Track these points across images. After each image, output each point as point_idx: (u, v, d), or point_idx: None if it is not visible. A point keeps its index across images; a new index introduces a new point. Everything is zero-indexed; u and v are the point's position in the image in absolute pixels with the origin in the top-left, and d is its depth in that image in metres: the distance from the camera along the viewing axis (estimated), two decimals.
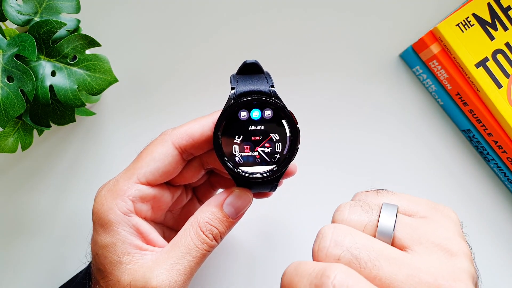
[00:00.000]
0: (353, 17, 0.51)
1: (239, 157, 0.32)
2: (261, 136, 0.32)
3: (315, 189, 0.49)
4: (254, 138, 0.32)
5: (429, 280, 0.22)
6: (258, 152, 0.32)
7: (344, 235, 0.24)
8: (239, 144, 0.32)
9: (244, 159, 0.32)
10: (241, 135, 0.32)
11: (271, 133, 0.32)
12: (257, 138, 0.32)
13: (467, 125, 0.50)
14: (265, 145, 0.32)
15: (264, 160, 0.32)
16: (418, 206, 0.27)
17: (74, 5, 0.39)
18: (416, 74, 0.51)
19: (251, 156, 0.32)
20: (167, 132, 0.34)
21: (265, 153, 0.32)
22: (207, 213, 0.32)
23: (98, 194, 0.33)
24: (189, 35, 0.51)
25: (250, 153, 0.32)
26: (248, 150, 0.32)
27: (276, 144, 0.32)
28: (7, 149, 0.40)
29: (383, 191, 0.29)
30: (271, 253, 0.48)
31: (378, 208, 0.26)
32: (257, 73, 0.33)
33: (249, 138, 0.32)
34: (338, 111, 0.51)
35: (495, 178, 0.51)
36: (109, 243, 0.31)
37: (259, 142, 0.32)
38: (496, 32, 0.47)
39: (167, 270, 0.30)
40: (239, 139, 0.32)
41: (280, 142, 0.32)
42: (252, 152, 0.32)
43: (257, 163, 0.32)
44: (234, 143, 0.32)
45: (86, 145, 0.49)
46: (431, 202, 0.28)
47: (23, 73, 0.35)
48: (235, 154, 0.32)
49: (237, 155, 0.32)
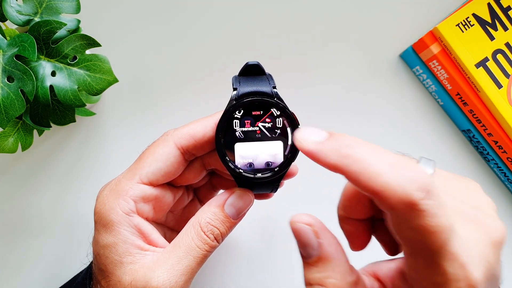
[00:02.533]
0: (353, 17, 0.51)
1: (240, 132, 0.32)
2: (261, 111, 0.32)
3: (315, 190, 0.49)
4: (254, 112, 0.32)
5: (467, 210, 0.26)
6: (259, 127, 0.32)
7: None
8: (239, 119, 0.32)
9: (244, 134, 0.32)
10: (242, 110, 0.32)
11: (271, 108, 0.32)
12: (257, 113, 0.32)
13: (467, 125, 0.50)
14: (265, 120, 0.32)
15: (265, 136, 0.32)
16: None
17: (74, 5, 0.39)
18: (416, 74, 0.51)
19: (252, 131, 0.32)
20: (169, 133, 0.34)
21: (265, 128, 0.32)
22: (208, 213, 0.32)
23: (100, 194, 0.33)
24: (190, 36, 0.50)
25: (251, 128, 0.32)
26: (249, 125, 0.32)
27: (277, 119, 0.32)
28: (7, 149, 0.40)
29: None
30: (271, 253, 0.48)
31: (416, 160, 0.28)
32: (259, 75, 0.33)
33: (250, 113, 0.32)
34: (338, 111, 0.51)
35: (495, 178, 0.51)
36: (111, 243, 0.31)
37: (259, 117, 0.32)
38: (496, 32, 0.48)
39: (168, 270, 0.30)
40: (239, 114, 0.32)
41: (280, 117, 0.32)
42: (252, 127, 0.32)
43: (257, 138, 0.32)
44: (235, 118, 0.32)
45: (86, 145, 0.49)
46: None
47: (23, 73, 0.35)
48: (236, 129, 0.32)
49: (238, 130, 0.32)
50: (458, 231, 0.24)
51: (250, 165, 0.32)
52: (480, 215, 0.27)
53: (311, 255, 0.27)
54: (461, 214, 0.26)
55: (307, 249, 0.27)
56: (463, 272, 0.23)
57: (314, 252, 0.27)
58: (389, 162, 0.23)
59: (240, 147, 0.32)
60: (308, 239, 0.27)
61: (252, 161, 0.32)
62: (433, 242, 0.23)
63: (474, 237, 0.25)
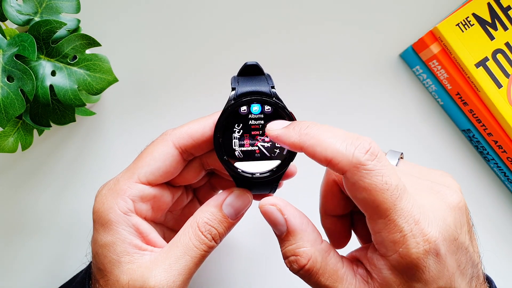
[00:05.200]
0: (353, 17, 0.51)
1: (239, 152, 0.32)
2: (260, 130, 0.32)
3: (315, 190, 0.49)
4: (254, 132, 0.32)
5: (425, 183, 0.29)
6: (258, 147, 0.32)
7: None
8: (238, 138, 0.32)
9: (243, 153, 0.32)
10: (241, 129, 0.32)
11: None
12: (257, 132, 0.32)
13: (467, 125, 0.50)
14: (264, 139, 0.32)
15: (264, 155, 0.32)
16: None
17: (74, 5, 0.39)
18: (416, 74, 0.51)
19: (251, 151, 0.32)
20: (167, 132, 0.34)
21: (264, 147, 0.32)
22: (206, 213, 0.32)
23: (98, 194, 0.33)
24: (189, 36, 0.51)
25: (250, 147, 0.32)
26: (248, 145, 0.32)
27: None
28: (7, 149, 0.40)
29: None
30: (270, 254, 0.48)
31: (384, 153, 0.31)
32: (258, 75, 0.33)
33: (249, 132, 0.32)
34: (338, 111, 0.51)
35: (495, 178, 0.51)
36: (109, 242, 0.31)
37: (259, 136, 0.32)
38: (496, 32, 0.47)
39: (165, 270, 0.30)
40: (239, 134, 0.32)
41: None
42: (251, 146, 0.32)
43: (256, 158, 0.32)
44: (234, 138, 0.32)
45: (86, 145, 0.49)
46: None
47: (23, 73, 0.35)
48: (235, 148, 0.32)
49: (237, 150, 0.32)
50: (413, 196, 0.27)
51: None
52: (438, 186, 0.29)
53: (282, 232, 0.30)
54: (418, 186, 0.29)
55: (277, 227, 0.30)
56: (418, 228, 0.26)
57: (283, 228, 0.30)
58: (340, 135, 0.27)
59: (241, 166, 0.32)
60: (275, 217, 0.30)
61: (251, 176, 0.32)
62: (384, 199, 0.26)
63: (429, 201, 0.28)
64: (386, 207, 0.26)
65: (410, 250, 0.26)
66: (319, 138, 0.27)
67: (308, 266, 0.28)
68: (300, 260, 0.29)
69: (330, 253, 0.29)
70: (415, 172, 0.31)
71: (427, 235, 0.26)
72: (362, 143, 0.26)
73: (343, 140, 0.27)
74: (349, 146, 0.26)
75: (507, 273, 0.50)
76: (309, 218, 0.31)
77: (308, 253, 0.29)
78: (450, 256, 0.27)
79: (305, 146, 0.28)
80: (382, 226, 0.26)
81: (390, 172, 0.26)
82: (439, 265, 0.26)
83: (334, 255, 0.29)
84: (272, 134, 0.29)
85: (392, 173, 0.26)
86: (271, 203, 0.30)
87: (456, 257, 0.27)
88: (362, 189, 0.26)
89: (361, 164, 0.26)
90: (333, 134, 0.27)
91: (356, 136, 0.27)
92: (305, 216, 0.31)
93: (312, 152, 0.27)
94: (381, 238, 0.27)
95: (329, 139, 0.27)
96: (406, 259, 0.26)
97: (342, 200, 0.33)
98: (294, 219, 0.30)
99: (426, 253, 0.26)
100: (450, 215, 0.27)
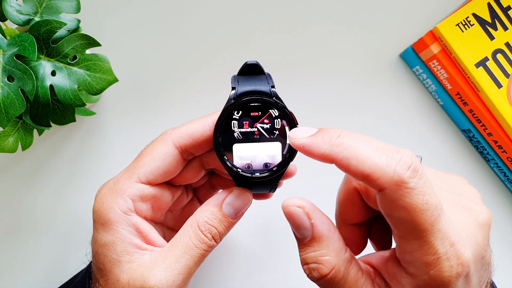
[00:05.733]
0: (353, 17, 0.51)
1: (238, 133, 0.32)
2: (260, 112, 0.32)
3: (314, 190, 0.49)
4: (253, 113, 0.32)
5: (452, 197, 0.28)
6: (257, 128, 0.32)
7: None
8: (238, 120, 0.32)
9: (242, 135, 0.32)
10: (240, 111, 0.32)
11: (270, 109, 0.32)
12: (256, 114, 0.32)
13: (467, 125, 0.50)
14: (264, 120, 0.32)
15: (263, 137, 0.32)
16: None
17: (74, 5, 0.39)
18: (416, 74, 0.51)
19: (250, 132, 0.32)
20: (167, 132, 0.34)
21: (264, 129, 0.32)
22: (206, 212, 0.32)
23: (98, 193, 0.33)
24: (189, 35, 0.51)
25: (249, 129, 0.32)
26: (247, 126, 0.32)
27: (275, 120, 0.32)
28: (7, 149, 0.40)
29: None
30: (270, 254, 0.48)
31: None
32: (258, 74, 0.33)
33: (248, 114, 0.32)
34: (338, 111, 0.51)
35: (495, 178, 0.51)
36: (109, 241, 0.31)
37: (258, 118, 0.32)
38: (496, 32, 0.47)
39: (165, 269, 0.30)
40: (238, 115, 0.32)
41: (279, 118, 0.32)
42: (251, 128, 0.32)
43: (255, 139, 0.32)
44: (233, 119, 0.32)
45: (86, 145, 0.49)
46: None
47: (23, 73, 0.35)
48: (234, 129, 0.32)
49: (236, 131, 0.32)
50: (448, 216, 0.25)
51: (248, 166, 0.32)
52: (465, 201, 0.28)
53: (305, 236, 0.28)
54: (447, 200, 0.28)
55: (301, 231, 0.28)
56: (453, 250, 0.24)
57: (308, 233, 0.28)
58: (377, 146, 0.25)
59: (238, 148, 0.32)
60: (301, 221, 0.28)
61: (250, 162, 0.32)
62: (424, 220, 0.24)
63: (461, 219, 0.26)
64: (424, 228, 0.24)
65: (443, 273, 0.24)
66: (355, 150, 0.25)
67: (331, 275, 0.27)
68: (322, 269, 0.27)
69: (352, 262, 0.28)
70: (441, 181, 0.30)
71: (461, 258, 0.25)
72: (404, 157, 0.24)
73: (383, 153, 0.25)
74: (389, 161, 0.24)
75: (507, 273, 0.50)
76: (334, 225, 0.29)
77: (332, 262, 0.27)
78: (476, 274, 0.26)
79: (338, 159, 0.25)
80: (416, 247, 0.25)
81: (431, 190, 0.24)
82: (466, 285, 0.25)
83: (355, 265, 0.28)
84: (297, 144, 0.27)
85: (432, 192, 0.24)
86: (298, 205, 0.28)
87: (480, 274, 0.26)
88: (401, 208, 0.24)
89: (403, 181, 0.24)
90: (370, 145, 0.25)
91: (396, 149, 0.25)
92: (331, 221, 0.29)
93: (346, 165, 0.25)
94: (412, 258, 0.25)
95: (366, 151, 0.25)
96: (437, 281, 0.25)
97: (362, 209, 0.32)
98: (322, 225, 0.28)
99: (457, 276, 0.25)
100: (480, 233, 0.26)
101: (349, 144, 0.25)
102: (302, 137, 0.27)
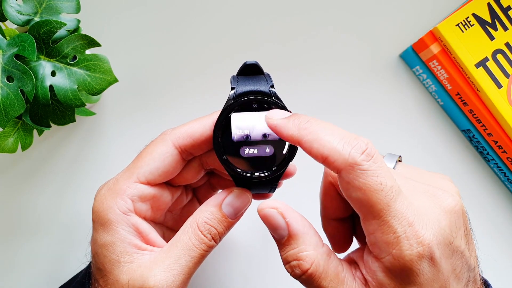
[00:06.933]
0: (353, 17, 0.51)
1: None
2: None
3: (314, 190, 0.49)
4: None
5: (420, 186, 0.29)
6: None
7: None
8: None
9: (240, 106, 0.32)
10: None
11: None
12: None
13: (467, 125, 0.50)
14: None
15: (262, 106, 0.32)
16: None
17: (74, 5, 0.39)
18: (416, 74, 0.51)
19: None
20: (167, 132, 0.34)
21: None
22: (206, 212, 0.32)
23: (98, 193, 0.33)
24: (189, 36, 0.51)
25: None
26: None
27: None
28: (7, 149, 0.40)
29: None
30: (270, 254, 0.48)
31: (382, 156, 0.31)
32: (257, 74, 0.33)
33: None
34: (338, 111, 0.51)
35: (495, 178, 0.51)
36: (108, 242, 0.31)
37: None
38: (496, 32, 0.47)
39: (165, 270, 0.30)
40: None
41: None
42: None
43: (254, 108, 0.32)
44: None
45: (86, 145, 0.49)
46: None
47: (23, 73, 0.35)
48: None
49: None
50: (408, 199, 0.27)
51: (246, 137, 0.32)
52: (434, 190, 0.29)
53: (282, 236, 0.29)
54: (415, 189, 0.29)
55: (277, 231, 0.29)
56: (412, 230, 0.26)
57: (284, 232, 0.29)
58: (339, 133, 0.27)
59: (237, 118, 0.32)
60: (276, 221, 0.29)
61: (248, 132, 0.32)
62: (379, 199, 0.26)
63: (424, 204, 0.27)
64: (380, 207, 0.26)
65: (404, 252, 0.25)
66: (318, 134, 0.27)
67: (311, 270, 0.28)
68: (302, 265, 0.28)
69: (331, 256, 0.29)
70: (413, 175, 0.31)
71: (420, 237, 0.25)
72: (359, 143, 0.26)
73: (341, 138, 0.27)
74: (346, 145, 0.26)
75: (507, 273, 0.50)
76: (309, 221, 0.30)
77: (311, 256, 0.28)
78: (445, 260, 0.26)
79: (303, 141, 0.27)
80: (375, 226, 0.26)
81: (385, 173, 0.26)
82: (434, 269, 0.26)
83: (334, 258, 0.29)
84: (271, 123, 0.29)
85: (387, 175, 0.26)
86: (271, 206, 0.29)
87: (451, 261, 0.27)
88: (357, 189, 0.26)
89: (356, 163, 0.26)
90: (332, 132, 0.27)
91: (354, 136, 0.27)
92: (305, 218, 0.30)
93: (309, 148, 0.27)
94: (375, 239, 0.27)
95: (328, 136, 0.27)
96: (400, 261, 0.26)
97: (341, 203, 0.33)
98: (296, 223, 0.29)
99: (420, 256, 0.25)
100: (445, 218, 0.27)
101: (314, 129, 0.28)
102: (277, 118, 0.29)
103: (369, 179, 0.26)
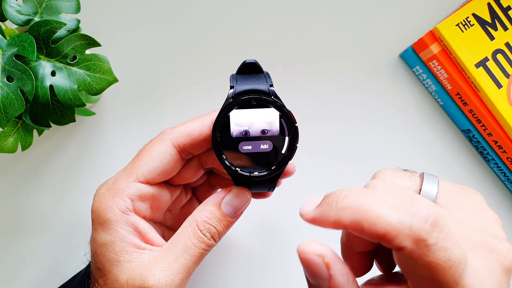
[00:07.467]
0: (353, 17, 0.51)
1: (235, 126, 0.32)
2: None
3: (314, 189, 0.49)
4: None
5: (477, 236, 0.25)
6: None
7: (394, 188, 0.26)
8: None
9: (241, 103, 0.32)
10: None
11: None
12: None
13: (467, 125, 0.50)
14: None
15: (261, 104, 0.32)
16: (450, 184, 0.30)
17: (74, 5, 0.39)
18: (416, 74, 0.51)
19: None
20: (166, 131, 0.34)
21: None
22: (205, 212, 0.32)
23: (97, 193, 0.33)
24: (189, 35, 0.51)
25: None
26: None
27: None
28: (7, 149, 0.40)
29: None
30: (269, 254, 0.48)
31: (419, 176, 0.28)
32: (257, 73, 0.33)
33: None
34: (338, 111, 0.51)
35: (495, 178, 0.51)
36: (108, 241, 0.31)
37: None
38: (496, 32, 0.47)
39: (164, 269, 0.30)
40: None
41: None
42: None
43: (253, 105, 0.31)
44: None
45: (86, 145, 0.49)
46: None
47: (22, 73, 0.35)
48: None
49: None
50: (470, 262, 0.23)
51: (245, 133, 0.32)
52: (490, 240, 0.26)
53: (320, 286, 0.25)
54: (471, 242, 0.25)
55: (317, 280, 0.25)
56: None
57: (324, 283, 0.25)
58: (387, 201, 0.23)
59: (236, 115, 0.31)
60: (318, 271, 0.25)
61: (247, 128, 0.31)
62: (447, 278, 0.22)
63: (487, 266, 0.24)
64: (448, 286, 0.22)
65: None
66: (363, 210, 0.23)
67: None
68: None
69: None
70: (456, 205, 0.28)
71: None
72: (419, 209, 0.22)
73: (394, 208, 0.22)
74: (404, 216, 0.22)
75: None
76: (354, 276, 0.26)
77: None
78: None
79: (349, 223, 0.23)
80: None
81: (454, 244, 0.22)
82: None
83: None
84: (307, 220, 0.26)
85: (455, 245, 0.22)
86: (317, 253, 0.24)
87: None
88: (422, 267, 0.22)
89: (421, 239, 0.21)
90: (379, 202, 0.23)
91: (410, 200, 0.23)
92: (351, 273, 0.26)
93: (359, 229, 0.23)
94: None
95: (375, 209, 0.22)
96: None
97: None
98: (341, 277, 0.25)
99: None
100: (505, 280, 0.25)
101: (356, 205, 0.23)
102: (310, 210, 0.26)
103: (437, 255, 0.22)
